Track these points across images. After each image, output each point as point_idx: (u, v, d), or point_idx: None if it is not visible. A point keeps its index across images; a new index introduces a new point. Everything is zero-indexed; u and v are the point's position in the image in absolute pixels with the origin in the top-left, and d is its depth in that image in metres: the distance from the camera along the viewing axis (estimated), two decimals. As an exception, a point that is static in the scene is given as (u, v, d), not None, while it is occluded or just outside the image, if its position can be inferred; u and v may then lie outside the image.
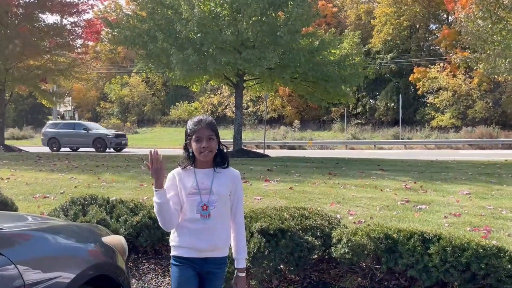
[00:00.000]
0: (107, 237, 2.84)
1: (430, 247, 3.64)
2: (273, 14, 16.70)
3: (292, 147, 33.56)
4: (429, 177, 10.95)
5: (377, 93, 44.52)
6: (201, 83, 21.21)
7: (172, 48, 15.93)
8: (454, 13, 38.55)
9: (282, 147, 33.80)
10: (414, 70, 38.54)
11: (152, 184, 2.43)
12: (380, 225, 4.00)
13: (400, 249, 3.71)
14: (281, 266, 3.98)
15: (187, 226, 2.49)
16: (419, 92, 38.89)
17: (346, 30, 22.28)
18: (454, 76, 36.32)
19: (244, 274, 2.57)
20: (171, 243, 2.55)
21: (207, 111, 48.11)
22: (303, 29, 17.45)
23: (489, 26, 14.13)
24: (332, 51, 18.51)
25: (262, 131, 39.34)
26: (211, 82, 21.78)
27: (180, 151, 2.64)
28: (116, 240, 2.90)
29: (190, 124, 2.53)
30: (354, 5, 49.27)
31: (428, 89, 38.06)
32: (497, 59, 14.63)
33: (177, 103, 50.32)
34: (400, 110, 33.78)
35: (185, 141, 2.56)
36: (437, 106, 37.15)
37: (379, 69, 39.70)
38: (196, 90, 23.04)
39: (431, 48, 44.18)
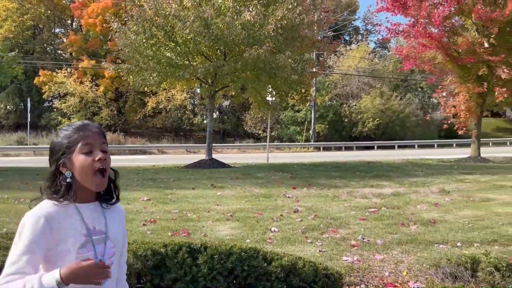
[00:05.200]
0: None
1: (198, 257, 3.67)
2: None
3: None
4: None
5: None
6: None
7: None
8: (80, 20, 39.19)
9: None
10: (40, 73, 36.67)
11: (61, 275, 1.45)
12: (146, 242, 3.88)
13: (169, 264, 3.62)
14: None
15: None
16: (44, 96, 37.34)
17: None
18: (82, 82, 36.74)
19: None
20: None
21: None
22: None
23: (143, 41, 15.15)
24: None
25: None
26: None
27: None
28: None
29: (67, 132, 1.63)
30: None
31: (54, 94, 37.06)
32: (147, 72, 15.81)
33: None
34: (29, 114, 31.57)
35: (56, 162, 1.63)
36: (64, 111, 36.67)
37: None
38: None
39: (58, 52, 43.18)
